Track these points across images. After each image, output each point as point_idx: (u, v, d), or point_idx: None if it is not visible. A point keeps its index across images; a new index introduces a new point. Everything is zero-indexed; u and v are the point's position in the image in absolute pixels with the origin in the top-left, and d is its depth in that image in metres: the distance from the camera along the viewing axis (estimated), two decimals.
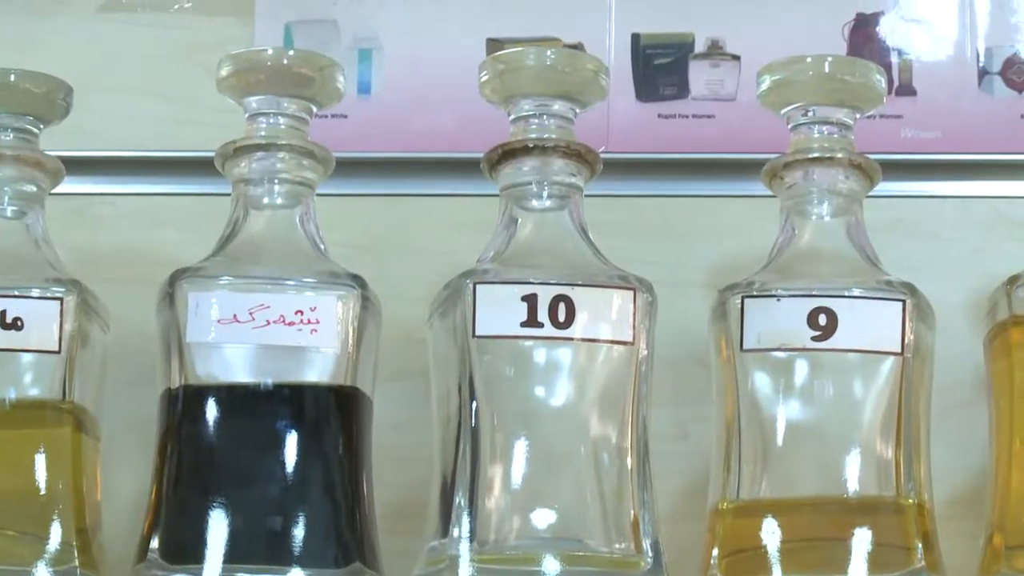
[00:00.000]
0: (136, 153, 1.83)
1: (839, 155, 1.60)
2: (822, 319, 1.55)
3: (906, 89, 1.83)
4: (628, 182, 1.77)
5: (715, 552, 1.57)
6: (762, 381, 1.57)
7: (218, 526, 1.53)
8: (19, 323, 1.56)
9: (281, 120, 1.61)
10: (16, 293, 1.57)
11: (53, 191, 1.65)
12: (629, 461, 1.57)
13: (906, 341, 1.55)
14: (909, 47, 1.85)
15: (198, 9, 1.87)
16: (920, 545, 1.55)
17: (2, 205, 1.63)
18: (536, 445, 1.56)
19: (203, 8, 1.87)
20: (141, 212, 1.81)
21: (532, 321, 1.54)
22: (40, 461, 1.57)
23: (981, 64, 1.84)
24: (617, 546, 1.55)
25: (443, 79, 1.83)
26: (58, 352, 1.58)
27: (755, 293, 1.57)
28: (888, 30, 1.85)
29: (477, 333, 1.55)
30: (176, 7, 1.86)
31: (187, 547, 1.54)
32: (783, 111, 1.62)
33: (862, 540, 1.53)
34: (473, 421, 1.55)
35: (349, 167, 1.69)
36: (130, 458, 1.63)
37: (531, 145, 1.60)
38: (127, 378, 1.65)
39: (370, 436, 1.61)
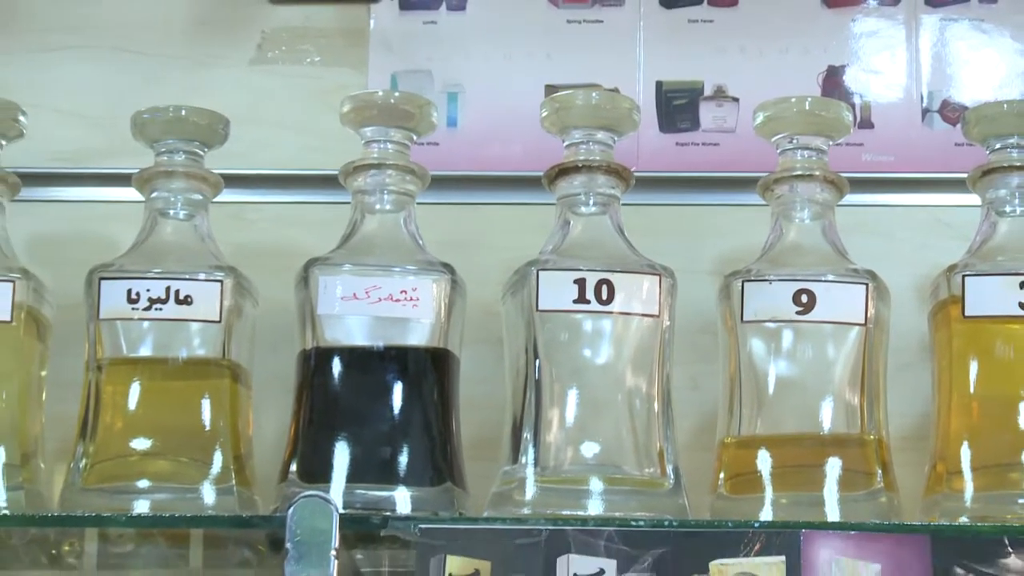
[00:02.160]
0: (277, 171, 1.82)
1: (816, 173, 1.59)
2: (804, 298, 1.54)
3: (866, 123, 1.82)
4: (653, 194, 1.75)
5: (721, 475, 1.57)
6: (757, 345, 1.56)
7: (341, 454, 1.53)
8: (189, 299, 1.55)
9: (389, 145, 1.60)
10: (187, 276, 1.56)
11: (215, 200, 1.63)
12: (655, 406, 1.56)
13: (868, 315, 1.55)
14: (868, 91, 1.84)
15: (325, 62, 1.85)
16: (879, 471, 1.55)
17: (176, 210, 1.61)
18: (584, 394, 1.55)
19: (329, 61, 1.86)
20: (281, 216, 1.81)
21: (582, 299, 1.53)
22: (205, 405, 1.56)
23: (924, 104, 1.83)
24: (647, 470, 1.54)
25: (512, 115, 1.82)
26: (219, 322, 1.57)
27: (752, 278, 1.56)
28: (852, 78, 1.84)
29: (540, 308, 1.54)
30: (308, 60, 1.86)
31: (318, 470, 1.53)
32: (773, 139, 1.61)
33: (834, 466, 1.53)
34: (536, 375, 1.54)
35: (441, 182, 1.68)
36: (274, 403, 1.62)
37: (580, 165, 1.59)
38: (271, 342, 1.63)
39: (457, 386, 1.60)
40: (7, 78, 1.72)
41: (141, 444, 1.55)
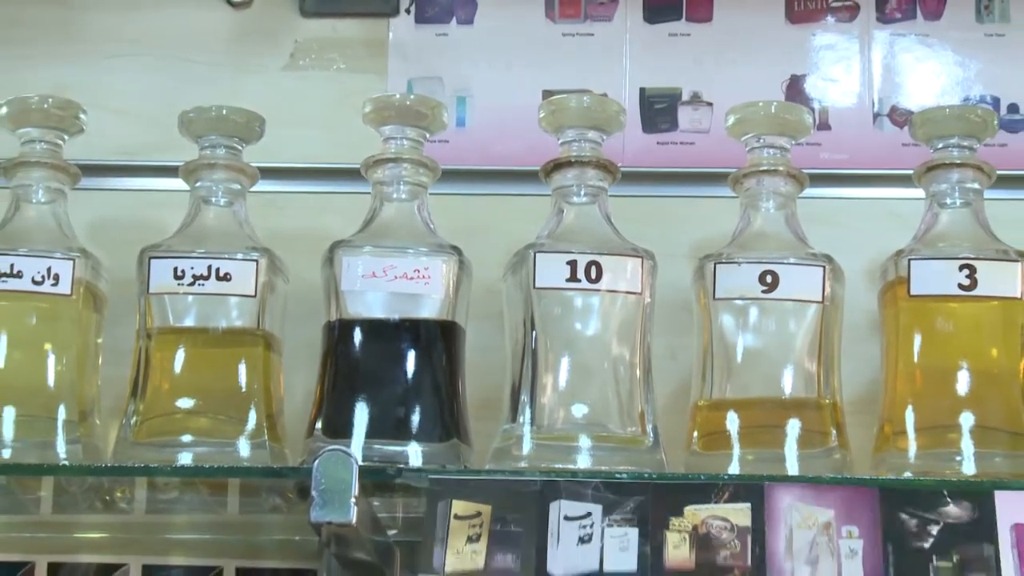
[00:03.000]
0: (307, 165, 1.81)
1: (780, 168, 1.58)
2: (768, 278, 1.54)
3: (824, 125, 1.82)
4: (637, 187, 1.74)
5: (695, 434, 1.57)
6: (727, 320, 1.56)
7: (361, 413, 1.52)
8: (228, 276, 1.54)
9: (405, 142, 1.60)
10: (226, 256, 1.55)
11: (251, 189, 1.63)
12: (637, 373, 1.55)
13: (825, 294, 1.54)
14: (826, 97, 1.83)
15: (349, 69, 1.85)
16: (834, 431, 1.55)
17: (217, 198, 1.61)
18: (575, 361, 1.55)
19: (352, 68, 1.85)
20: (310, 204, 1.80)
21: (573, 278, 1.53)
22: (241, 369, 1.56)
23: (875, 109, 1.83)
24: (629, 429, 1.54)
25: (514, 116, 1.81)
26: (254, 296, 1.56)
27: (723, 260, 1.56)
28: (812, 86, 1.84)
29: (537, 285, 1.53)
30: (334, 67, 1.85)
31: (340, 427, 1.53)
32: (742, 139, 1.60)
33: (794, 427, 1.52)
34: (533, 345, 1.54)
35: (451, 175, 1.67)
36: (302, 368, 1.62)
37: (573, 160, 1.58)
38: (300, 314, 1.62)
39: (463, 354, 1.59)
40: (70, 81, 1.72)
41: (185, 403, 1.55)
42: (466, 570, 1.38)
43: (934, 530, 1.38)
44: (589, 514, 1.40)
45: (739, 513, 1.39)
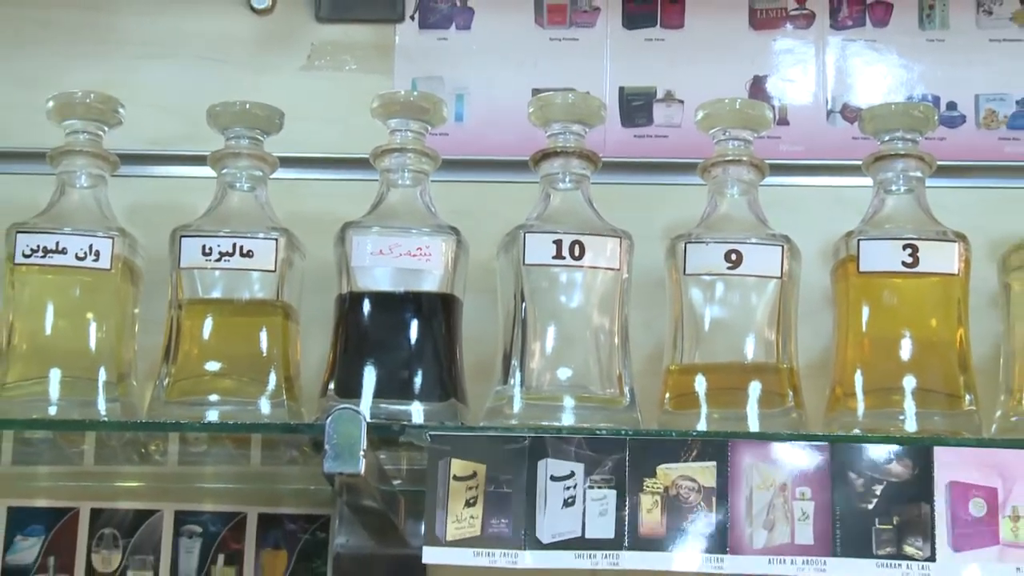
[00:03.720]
0: (321, 155, 1.80)
1: (744, 159, 1.58)
2: (733, 256, 1.53)
3: (783, 121, 1.81)
4: (616, 175, 1.74)
5: (667, 395, 1.56)
6: (696, 293, 1.55)
7: (369, 376, 1.52)
8: (251, 253, 1.54)
9: (409, 134, 1.59)
10: (249, 235, 1.55)
11: (272, 176, 1.62)
12: (616, 340, 1.55)
13: (784, 270, 1.54)
14: (784, 96, 1.83)
15: (360, 69, 1.84)
16: (791, 393, 1.54)
17: (241, 183, 1.60)
18: (560, 330, 1.54)
19: (363, 69, 1.84)
20: (324, 190, 1.78)
21: (559, 255, 1.52)
22: (262, 336, 1.56)
23: (829, 107, 1.83)
24: (608, 391, 1.54)
25: (506, 112, 1.81)
26: (274, 271, 1.56)
27: (693, 240, 1.55)
28: (772, 85, 1.83)
29: (526, 262, 1.53)
30: (347, 68, 1.84)
31: (351, 388, 1.53)
32: (710, 132, 1.60)
33: (755, 388, 1.52)
34: (523, 315, 1.54)
35: (450, 164, 1.66)
36: (317, 336, 1.60)
37: (559, 150, 1.58)
38: (315, 287, 1.61)
39: (461, 323, 1.59)
40: (110, 79, 1.71)
41: (212, 367, 1.54)
42: (464, 536, 1.38)
43: (878, 490, 1.38)
44: (572, 474, 1.40)
45: (705, 472, 1.39)
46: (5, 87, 1.80)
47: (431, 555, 1.38)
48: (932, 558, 1.36)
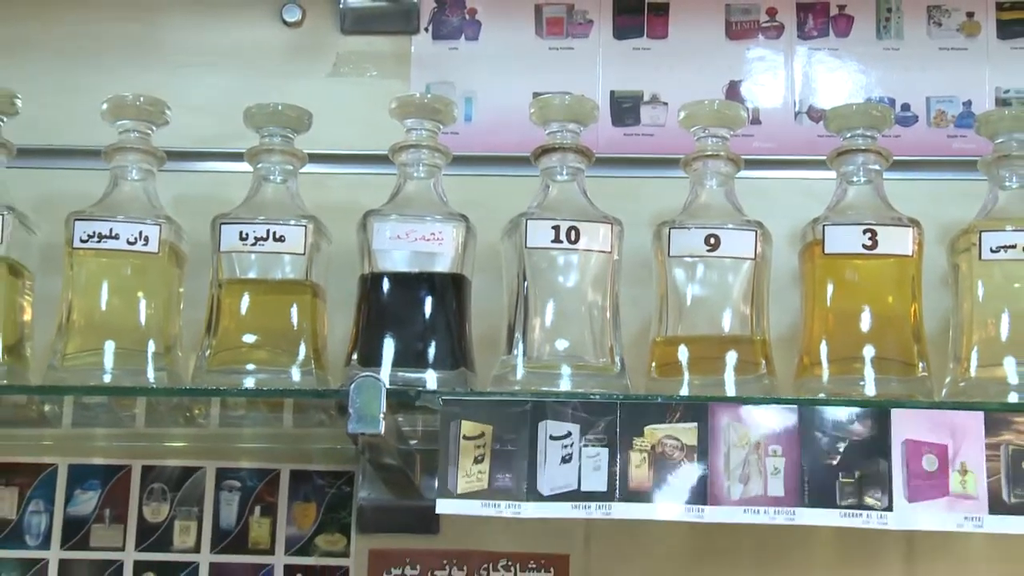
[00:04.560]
0: (346, 151, 1.78)
1: (722, 153, 1.57)
2: (712, 240, 1.52)
3: (756, 120, 1.80)
4: (608, 169, 1.71)
5: (653, 364, 1.55)
6: (679, 273, 1.54)
7: (388, 347, 1.51)
8: (282, 238, 1.53)
9: (423, 132, 1.58)
10: (281, 222, 1.54)
11: (301, 171, 1.61)
12: (608, 315, 1.54)
13: (757, 252, 1.53)
14: (757, 99, 1.81)
15: (380, 76, 1.82)
16: (764, 361, 1.53)
17: (274, 176, 1.59)
18: (558, 306, 1.53)
19: (383, 75, 1.82)
20: (348, 182, 1.76)
21: (557, 239, 1.51)
22: (293, 312, 1.54)
23: (796, 108, 1.81)
24: (601, 360, 1.53)
25: (510, 113, 1.79)
26: (303, 254, 1.55)
27: (676, 226, 1.54)
28: (746, 89, 1.81)
29: (528, 246, 1.52)
30: (368, 74, 1.82)
31: (372, 358, 1.52)
32: (691, 130, 1.59)
33: (732, 357, 1.51)
34: (525, 293, 1.53)
35: (460, 160, 1.65)
36: (341, 312, 1.59)
37: (556, 147, 1.57)
38: (340, 268, 1.60)
39: (470, 301, 1.58)
40: (158, 85, 1.68)
41: (248, 339, 1.53)
42: (473, 489, 1.37)
43: (841, 447, 1.37)
44: (569, 434, 1.39)
45: (687, 432, 1.38)
46: (65, 92, 1.78)
47: (444, 506, 1.37)
48: (889, 508, 1.35)
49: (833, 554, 1.71)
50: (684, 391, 1.50)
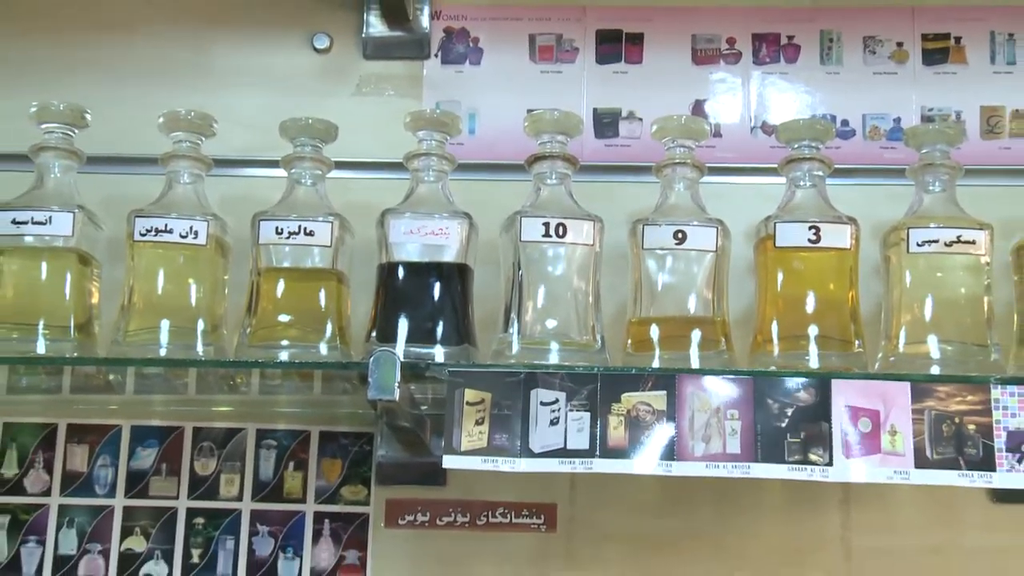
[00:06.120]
0: (367, 160, 1.74)
1: (688, 161, 1.54)
2: (679, 235, 1.50)
3: (717, 134, 1.76)
4: (591, 175, 1.68)
5: (628, 341, 1.52)
6: (651, 263, 1.51)
7: (402, 326, 1.49)
8: (312, 232, 1.51)
9: (433, 142, 1.55)
10: (311, 219, 1.51)
11: (328, 176, 1.58)
12: (590, 299, 1.51)
13: (718, 246, 1.50)
14: (719, 115, 1.77)
15: (397, 95, 1.78)
16: (723, 339, 1.51)
17: (305, 180, 1.56)
18: (548, 291, 1.50)
19: (399, 94, 1.78)
20: (368, 185, 1.72)
21: (547, 234, 1.49)
22: (321, 296, 1.52)
23: (752, 123, 1.77)
24: (584, 337, 1.50)
25: (507, 127, 1.75)
26: (330, 247, 1.52)
27: (649, 223, 1.51)
28: (709, 107, 1.77)
29: (522, 240, 1.50)
30: (387, 94, 1.78)
31: (388, 335, 1.49)
32: (662, 141, 1.56)
33: (696, 335, 1.49)
34: (519, 280, 1.50)
35: (464, 167, 1.63)
36: (363, 295, 1.56)
37: (547, 155, 1.54)
38: (361, 259, 1.57)
39: (472, 286, 1.55)
40: (206, 102, 1.62)
41: (283, 319, 1.51)
42: (474, 447, 1.36)
43: (789, 412, 1.36)
44: (557, 400, 1.37)
45: (658, 399, 1.37)
46: (127, 108, 1.74)
47: (449, 461, 1.36)
48: (830, 463, 1.33)
49: (780, 501, 1.68)
50: (655, 364, 1.47)
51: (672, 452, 1.34)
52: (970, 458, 1.33)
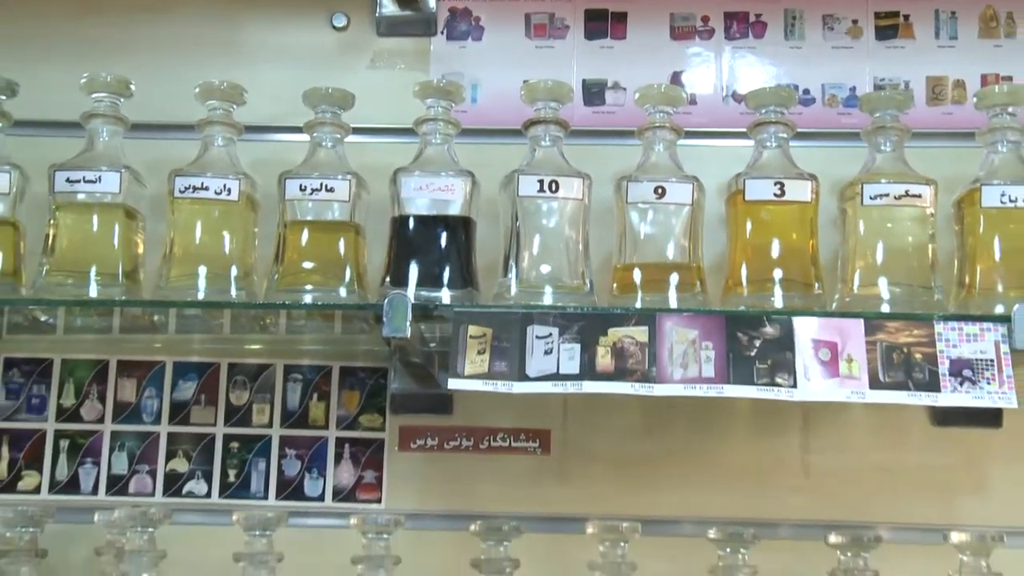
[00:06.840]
0: (381, 125, 1.74)
1: (667, 125, 1.56)
2: (659, 191, 1.52)
3: (693, 101, 1.76)
4: (580, 139, 1.68)
5: (614, 285, 1.54)
6: (634, 216, 1.53)
7: (413, 272, 1.51)
8: (332, 189, 1.53)
9: (440, 109, 1.57)
10: (331, 177, 1.53)
11: (347, 139, 1.60)
12: (580, 248, 1.53)
13: (694, 199, 1.53)
14: (694, 85, 1.78)
15: (407, 68, 1.79)
16: (699, 282, 1.53)
17: (325, 143, 1.58)
18: (543, 241, 1.52)
19: (409, 67, 1.79)
20: (382, 147, 1.73)
21: (541, 190, 1.51)
22: (341, 245, 1.54)
23: (724, 92, 1.79)
24: (575, 281, 1.52)
25: (505, 96, 1.76)
26: (348, 202, 1.54)
27: (632, 180, 1.53)
28: (686, 78, 1.78)
29: (519, 195, 1.51)
30: (398, 67, 1.79)
31: (401, 280, 1.51)
32: (644, 107, 1.58)
33: (674, 279, 1.51)
34: (517, 231, 1.52)
35: (467, 131, 1.64)
36: (378, 245, 1.58)
37: (541, 119, 1.56)
38: (376, 212, 1.58)
39: (475, 236, 1.56)
40: (238, 75, 1.63)
41: (307, 265, 1.53)
42: (476, 372, 1.37)
43: (757, 343, 1.38)
44: (551, 334, 1.39)
45: (641, 333, 1.38)
46: (167, 80, 1.74)
47: (453, 383, 1.37)
48: (794, 385, 1.36)
49: (747, 427, 1.70)
50: (638, 304, 1.49)
51: (653, 377, 1.36)
52: (918, 381, 1.36)
